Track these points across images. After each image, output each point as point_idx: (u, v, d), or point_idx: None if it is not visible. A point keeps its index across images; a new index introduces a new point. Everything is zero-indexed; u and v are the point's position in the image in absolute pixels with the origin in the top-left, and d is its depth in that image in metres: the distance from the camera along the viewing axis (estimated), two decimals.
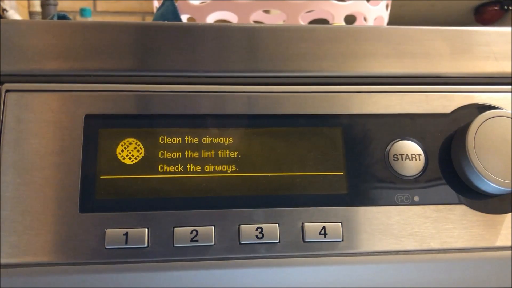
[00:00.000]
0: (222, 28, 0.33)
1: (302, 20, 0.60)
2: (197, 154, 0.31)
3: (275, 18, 0.73)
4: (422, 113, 0.33)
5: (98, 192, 0.29)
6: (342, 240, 0.30)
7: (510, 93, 0.34)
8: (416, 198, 0.31)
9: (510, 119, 0.31)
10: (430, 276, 0.31)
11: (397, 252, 0.30)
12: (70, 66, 0.31)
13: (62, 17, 0.55)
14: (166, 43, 0.32)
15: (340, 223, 0.30)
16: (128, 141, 0.30)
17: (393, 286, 0.30)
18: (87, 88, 0.31)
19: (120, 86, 0.31)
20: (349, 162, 0.31)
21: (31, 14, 1.08)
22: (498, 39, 0.35)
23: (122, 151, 0.30)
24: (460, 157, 0.31)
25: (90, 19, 1.16)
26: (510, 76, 0.34)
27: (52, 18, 0.55)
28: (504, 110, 0.31)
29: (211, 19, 0.61)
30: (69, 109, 0.30)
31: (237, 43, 0.32)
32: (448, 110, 0.33)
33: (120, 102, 0.31)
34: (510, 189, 0.30)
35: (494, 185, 0.30)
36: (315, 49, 0.33)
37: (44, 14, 1.02)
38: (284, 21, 0.61)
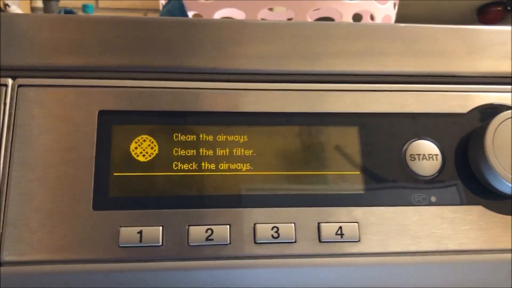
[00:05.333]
0: (237, 23, 0.32)
1: (309, 18, 0.59)
2: (212, 152, 0.30)
3: (280, 16, 0.73)
4: (439, 112, 0.32)
5: (112, 190, 0.29)
6: (359, 241, 0.29)
7: None
8: (433, 199, 0.31)
9: None
10: (447, 277, 0.30)
11: (414, 253, 0.30)
12: (84, 62, 0.31)
13: (68, 12, 0.54)
14: (180, 39, 0.32)
15: (356, 223, 0.30)
16: (142, 138, 0.30)
17: (410, 287, 0.30)
18: (100, 84, 0.31)
19: (134, 82, 0.31)
20: (366, 161, 0.31)
21: (33, 9, 1.07)
22: None
23: (136, 148, 0.30)
24: (477, 157, 0.31)
25: None
26: None
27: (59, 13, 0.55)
28: None
29: (218, 16, 0.60)
30: (83, 105, 0.30)
31: (255, 39, 0.32)
32: (465, 109, 0.33)
33: (134, 98, 0.30)
34: None
35: None
36: (331, 47, 0.33)
37: (46, 10, 1.01)
38: (289, 19, 0.60)
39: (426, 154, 0.31)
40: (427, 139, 0.32)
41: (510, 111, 0.31)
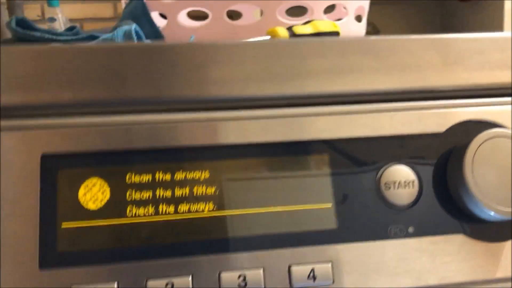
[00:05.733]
0: (202, 46, 0.29)
1: (279, 11, 0.56)
2: (170, 193, 0.28)
3: (249, 7, 0.69)
4: (414, 133, 0.30)
5: (60, 244, 0.26)
6: (333, 282, 0.27)
7: (510, 106, 0.31)
8: (411, 229, 0.29)
9: (511, 140, 0.28)
10: None
11: None
12: (21, 99, 0.28)
13: (20, 21, 0.49)
14: (131, 67, 0.28)
15: (330, 263, 0.27)
16: (92, 181, 0.27)
17: None
18: (42, 124, 0.27)
19: (79, 120, 0.28)
20: (337, 192, 0.29)
21: None
22: (492, 46, 0.32)
23: (85, 194, 0.27)
24: (456, 182, 0.29)
25: (58, 8, 1.10)
26: (510, 86, 0.32)
27: (10, 22, 0.50)
28: (504, 130, 0.29)
29: (182, 15, 0.57)
30: (23, 149, 0.27)
31: (212, 63, 0.29)
32: (442, 128, 0.30)
33: (81, 137, 0.27)
34: (510, 217, 0.28)
35: (493, 213, 0.28)
36: (299, 66, 0.30)
37: (10, 10, 0.96)
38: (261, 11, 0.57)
39: (402, 181, 0.29)
40: (403, 164, 0.29)
41: (489, 131, 0.29)
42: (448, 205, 0.29)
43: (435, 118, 0.30)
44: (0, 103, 0.27)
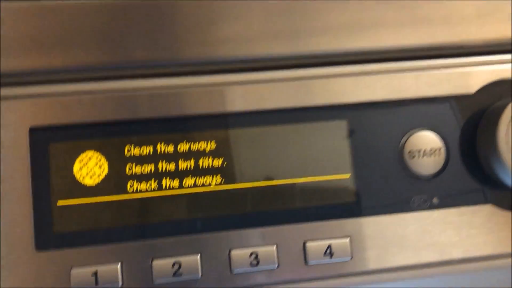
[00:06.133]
0: (208, 2, 0.26)
1: None
2: (174, 166, 0.25)
3: None
4: (442, 95, 0.27)
5: (56, 224, 0.24)
6: (351, 258, 0.25)
7: None
8: (435, 201, 0.26)
9: None
10: None
11: (414, 267, 0.26)
12: (4, 64, 0.25)
13: None
14: (131, 26, 0.25)
15: (348, 239, 0.25)
16: (87, 155, 0.25)
17: None
18: (28, 93, 0.25)
19: (70, 86, 0.25)
20: (357, 162, 0.26)
21: None
22: None
23: (80, 168, 0.25)
24: (487, 149, 0.26)
25: None
26: None
27: None
28: None
29: None
30: (9, 122, 0.24)
31: (218, 20, 0.26)
32: (473, 89, 0.27)
33: (73, 107, 0.25)
34: None
35: None
36: (311, 22, 0.27)
37: None
38: None
39: (428, 149, 0.27)
40: (428, 130, 0.27)
41: None
42: (476, 174, 0.27)
43: (465, 78, 0.27)
44: None
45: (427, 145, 0.27)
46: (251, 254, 0.25)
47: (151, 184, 0.25)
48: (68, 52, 0.25)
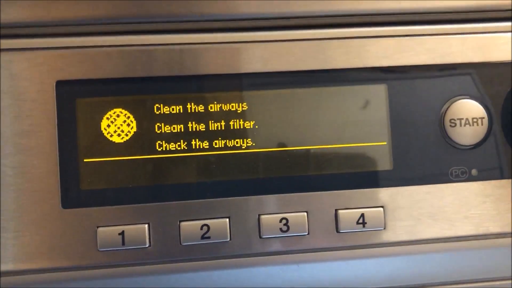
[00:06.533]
0: None
1: None
2: (204, 126, 0.24)
3: None
4: (488, 61, 0.26)
5: (83, 181, 0.23)
6: (384, 229, 0.25)
7: None
8: (474, 172, 0.25)
9: None
10: (487, 265, 0.26)
11: (448, 239, 0.25)
12: (34, 14, 0.23)
13: None
14: None
15: (381, 208, 0.25)
16: (115, 112, 0.24)
17: (444, 280, 0.26)
18: (56, 45, 0.24)
19: (98, 39, 0.24)
20: (395, 129, 0.25)
21: None
22: None
23: (108, 125, 0.24)
24: None
25: None
26: None
27: None
28: None
29: None
30: (36, 75, 0.23)
31: None
32: None
33: (101, 62, 0.24)
34: None
35: None
36: None
37: None
38: None
39: (470, 118, 0.25)
40: (472, 98, 0.25)
41: None
42: None
43: None
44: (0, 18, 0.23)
45: (469, 113, 0.25)
46: (281, 220, 0.24)
47: (180, 144, 0.24)
48: (94, 2, 0.24)
